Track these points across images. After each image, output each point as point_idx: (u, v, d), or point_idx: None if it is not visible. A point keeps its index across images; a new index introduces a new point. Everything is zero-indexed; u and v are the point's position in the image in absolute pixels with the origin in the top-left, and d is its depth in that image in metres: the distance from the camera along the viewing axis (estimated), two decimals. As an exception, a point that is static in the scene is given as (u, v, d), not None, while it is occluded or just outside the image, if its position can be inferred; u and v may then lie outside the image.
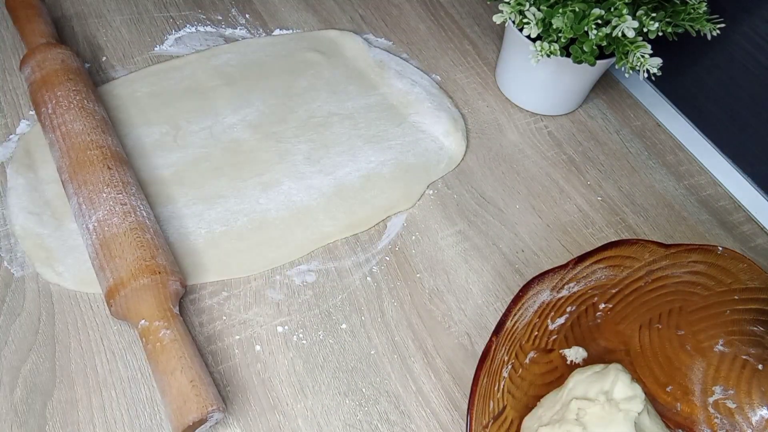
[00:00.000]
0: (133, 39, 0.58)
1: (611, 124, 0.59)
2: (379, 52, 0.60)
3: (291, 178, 0.50)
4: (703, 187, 0.55)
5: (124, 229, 0.41)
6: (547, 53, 0.46)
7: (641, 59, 0.46)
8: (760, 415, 0.41)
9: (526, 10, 0.47)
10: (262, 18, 0.62)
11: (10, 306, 0.42)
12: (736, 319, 0.41)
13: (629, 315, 0.43)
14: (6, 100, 0.52)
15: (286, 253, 0.47)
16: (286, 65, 0.58)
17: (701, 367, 0.42)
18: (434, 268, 0.47)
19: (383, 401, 0.41)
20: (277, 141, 0.53)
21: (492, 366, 0.37)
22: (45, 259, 0.44)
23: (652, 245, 0.40)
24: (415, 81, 0.58)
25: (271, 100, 0.55)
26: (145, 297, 0.39)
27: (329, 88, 0.57)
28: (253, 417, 0.40)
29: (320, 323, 0.44)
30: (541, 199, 0.52)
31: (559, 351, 0.42)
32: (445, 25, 0.64)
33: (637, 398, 0.36)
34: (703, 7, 0.48)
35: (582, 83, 0.55)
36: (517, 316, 0.38)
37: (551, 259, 0.49)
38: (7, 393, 0.38)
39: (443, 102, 0.57)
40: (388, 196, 0.50)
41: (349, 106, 0.56)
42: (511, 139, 0.56)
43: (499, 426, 0.37)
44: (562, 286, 0.40)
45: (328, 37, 0.61)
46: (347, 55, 0.60)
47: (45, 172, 0.48)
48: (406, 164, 0.53)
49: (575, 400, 0.37)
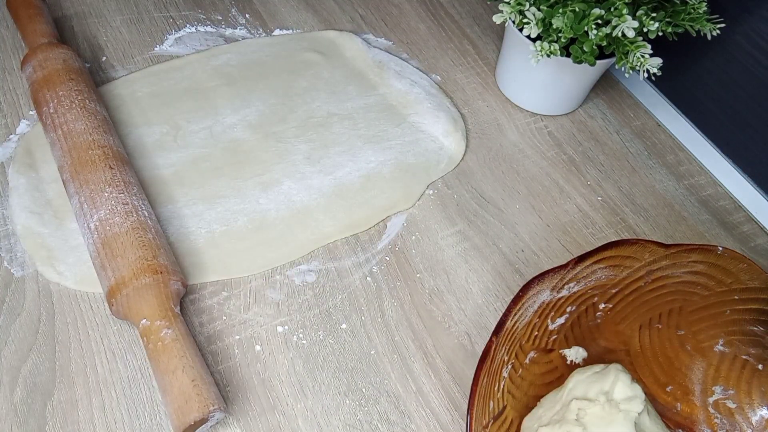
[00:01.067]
0: (133, 39, 0.58)
1: (611, 124, 0.59)
2: (379, 53, 0.60)
3: (291, 178, 0.50)
4: (703, 187, 0.55)
5: (126, 228, 0.41)
6: (547, 53, 0.46)
7: (641, 59, 0.46)
8: (760, 415, 0.41)
9: (526, 10, 0.47)
10: (262, 18, 0.62)
11: (10, 306, 0.42)
12: (736, 319, 0.41)
13: (629, 315, 0.43)
14: (6, 100, 0.52)
15: (286, 253, 0.47)
16: (285, 65, 0.58)
17: (701, 367, 0.42)
18: (434, 268, 0.47)
19: (383, 401, 0.41)
20: (277, 141, 0.53)
21: (492, 366, 0.37)
22: (46, 259, 0.44)
23: (652, 245, 0.40)
24: (415, 81, 0.58)
25: (271, 100, 0.55)
26: (147, 296, 0.39)
27: (329, 88, 0.57)
28: (253, 417, 0.40)
29: (320, 323, 0.44)
30: (541, 199, 0.52)
31: (559, 351, 0.42)
32: (445, 25, 0.64)
33: (637, 398, 0.36)
34: (703, 7, 0.48)
35: (582, 83, 0.55)
36: (517, 316, 0.38)
37: (551, 259, 0.49)
38: (7, 393, 0.38)
39: (443, 102, 0.57)
40: (388, 196, 0.50)
41: (349, 106, 0.56)
42: (511, 139, 0.56)
43: (499, 426, 0.37)
44: (562, 286, 0.40)
45: (327, 38, 0.61)
46: (347, 56, 0.60)
47: (46, 172, 0.48)
48: (405, 164, 0.53)
49: (575, 401, 0.37)
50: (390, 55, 0.60)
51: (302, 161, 0.52)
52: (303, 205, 0.49)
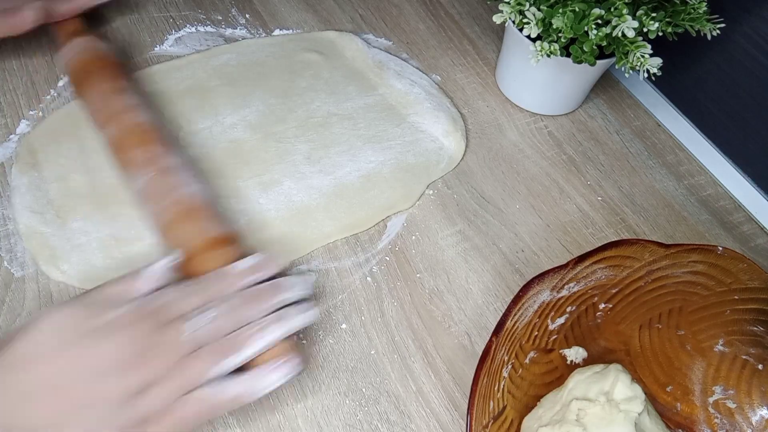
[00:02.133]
0: (133, 39, 0.58)
1: (611, 124, 0.59)
2: (378, 53, 0.60)
3: (291, 178, 0.50)
4: (703, 187, 0.55)
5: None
6: (547, 53, 0.46)
7: (641, 59, 0.46)
8: (760, 415, 0.41)
9: (526, 10, 0.47)
10: (262, 18, 0.62)
11: (10, 306, 0.42)
12: (736, 319, 0.41)
13: (629, 315, 0.43)
14: (6, 100, 0.52)
15: (287, 254, 0.47)
16: (285, 65, 0.58)
17: (701, 367, 0.42)
18: (434, 268, 0.47)
19: (383, 401, 0.41)
20: (277, 141, 0.53)
21: (492, 366, 0.37)
22: (49, 258, 0.44)
23: (652, 245, 0.40)
24: (414, 81, 0.58)
25: (271, 100, 0.55)
26: None
27: (328, 88, 0.57)
28: (253, 417, 0.40)
29: (320, 323, 0.44)
30: (541, 199, 0.52)
31: (559, 351, 0.42)
32: (445, 25, 0.64)
33: (638, 399, 0.36)
34: (703, 7, 0.48)
35: (582, 83, 0.55)
36: (517, 316, 0.38)
37: (551, 259, 0.49)
38: (7, 393, 0.38)
39: (442, 102, 0.57)
40: (388, 196, 0.50)
41: (349, 106, 0.56)
42: (511, 139, 0.56)
43: (499, 426, 0.37)
44: (562, 286, 0.40)
45: (327, 38, 0.61)
46: (346, 56, 0.60)
47: (49, 172, 0.48)
48: (405, 164, 0.53)
49: (575, 401, 0.37)
50: (389, 55, 0.60)
51: (302, 161, 0.52)
52: (303, 205, 0.49)
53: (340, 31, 0.61)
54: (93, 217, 0.46)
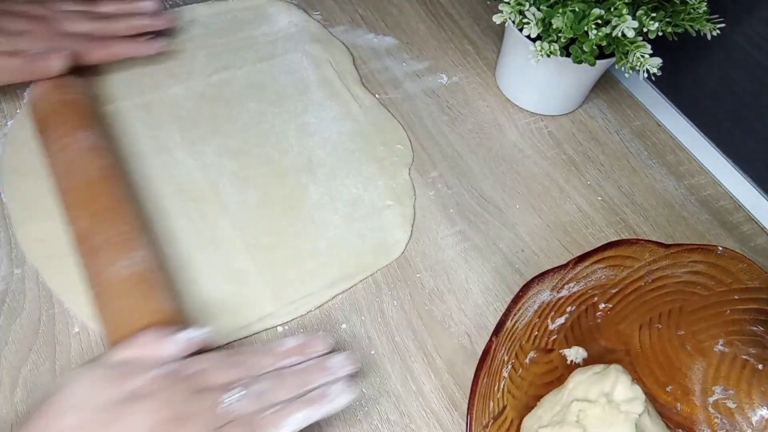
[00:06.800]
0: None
1: (611, 124, 0.59)
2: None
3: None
4: (703, 187, 0.55)
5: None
6: (547, 53, 0.46)
7: (641, 59, 0.46)
8: (760, 415, 0.41)
9: (526, 10, 0.47)
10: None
11: (10, 306, 0.42)
12: (736, 319, 0.41)
13: (629, 315, 0.43)
14: (6, 99, 0.52)
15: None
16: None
17: (701, 367, 0.42)
18: (434, 268, 0.47)
19: (383, 401, 0.41)
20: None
21: (492, 366, 0.37)
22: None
23: (652, 245, 0.40)
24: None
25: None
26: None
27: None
28: (253, 417, 0.40)
29: (320, 323, 0.44)
30: (541, 199, 0.52)
31: (559, 351, 0.42)
32: (445, 25, 0.64)
33: (638, 400, 0.36)
34: (703, 7, 0.48)
35: (582, 83, 0.55)
36: (517, 316, 0.38)
37: (551, 259, 0.49)
38: (7, 393, 0.38)
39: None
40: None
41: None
42: (511, 139, 0.56)
43: (499, 426, 0.37)
44: (562, 286, 0.40)
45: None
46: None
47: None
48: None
49: (576, 402, 0.37)
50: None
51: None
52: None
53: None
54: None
